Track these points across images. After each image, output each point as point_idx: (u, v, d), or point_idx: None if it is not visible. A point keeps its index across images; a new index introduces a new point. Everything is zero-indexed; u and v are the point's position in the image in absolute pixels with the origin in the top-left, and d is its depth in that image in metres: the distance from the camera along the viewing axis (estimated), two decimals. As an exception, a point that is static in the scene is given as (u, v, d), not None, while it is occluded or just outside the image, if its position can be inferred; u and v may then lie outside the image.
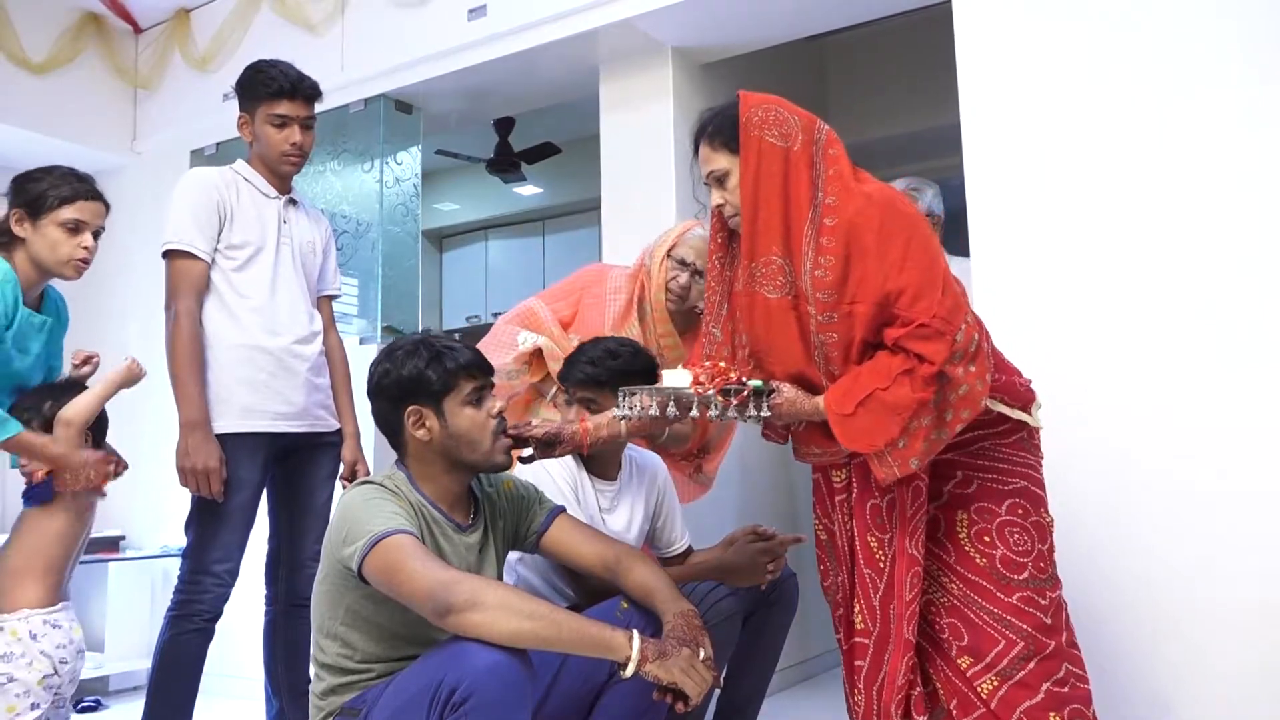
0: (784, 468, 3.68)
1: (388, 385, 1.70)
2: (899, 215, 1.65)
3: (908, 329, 1.58)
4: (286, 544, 2.38)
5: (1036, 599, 1.64)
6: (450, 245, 7.02)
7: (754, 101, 1.75)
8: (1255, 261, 2.11)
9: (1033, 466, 1.73)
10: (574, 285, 2.52)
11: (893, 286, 1.60)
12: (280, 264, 2.33)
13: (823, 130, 1.74)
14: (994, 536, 1.67)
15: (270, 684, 2.39)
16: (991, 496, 1.69)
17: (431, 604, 1.44)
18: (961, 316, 1.59)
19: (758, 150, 1.70)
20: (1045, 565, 1.67)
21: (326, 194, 3.81)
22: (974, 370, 1.59)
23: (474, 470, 1.73)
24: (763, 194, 1.69)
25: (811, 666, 3.67)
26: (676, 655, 1.51)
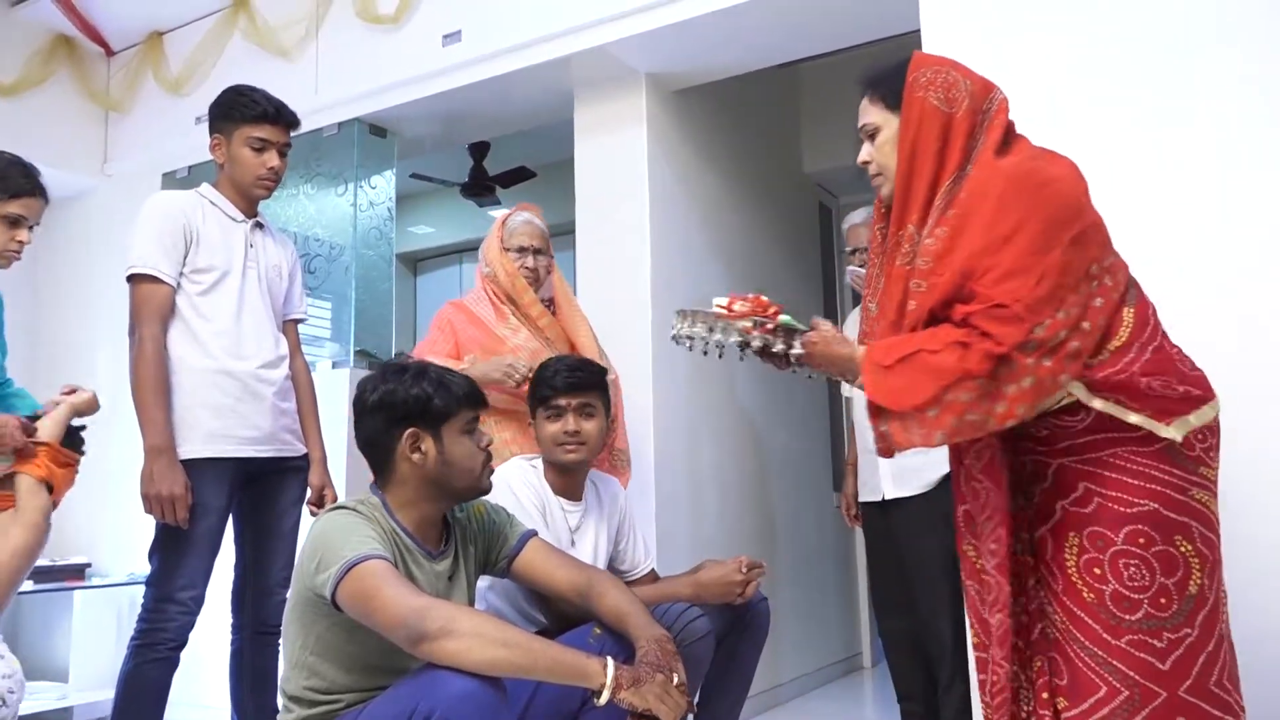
0: (762, 489, 3.68)
1: (391, 403, 1.68)
2: (1025, 192, 1.51)
3: (982, 306, 1.45)
4: (253, 570, 2.35)
5: (1151, 642, 1.43)
6: (424, 269, 7.00)
7: (926, 61, 1.65)
8: (1231, 284, 2.14)
9: (1176, 485, 1.47)
10: (440, 325, 2.61)
11: (986, 261, 1.47)
12: (246, 288, 2.32)
13: (995, 100, 1.62)
14: (1105, 569, 1.46)
15: (237, 714, 2.35)
16: (1109, 520, 1.47)
17: (405, 631, 1.43)
18: (1051, 310, 1.44)
19: (920, 112, 1.59)
20: (1170, 602, 1.44)
21: (300, 217, 3.79)
22: (1048, 365, 1.43)
23: (458, 498, 1.73)
24: (920, 157, 1.59)
25: (782, 693, 3.66)
26: (650, 682, 1.51)
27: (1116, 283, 1.52)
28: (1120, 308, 1.52)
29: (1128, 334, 1.50)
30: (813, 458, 4.15)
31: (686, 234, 3.38)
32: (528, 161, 5.53)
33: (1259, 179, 2.14)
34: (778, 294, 4.23)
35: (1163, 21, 2.28)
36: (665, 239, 3.20)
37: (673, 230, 3.27)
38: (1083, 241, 1.50)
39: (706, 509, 3.24)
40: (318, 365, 3.52)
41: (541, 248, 2.62)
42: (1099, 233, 1.54)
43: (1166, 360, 1.52)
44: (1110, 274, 1.52)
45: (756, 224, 3.88)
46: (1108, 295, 1.50)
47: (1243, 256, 2.13)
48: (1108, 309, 1.50)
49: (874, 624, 4.17)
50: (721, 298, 1.62)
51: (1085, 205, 1.55)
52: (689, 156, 3.45)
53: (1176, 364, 1.53)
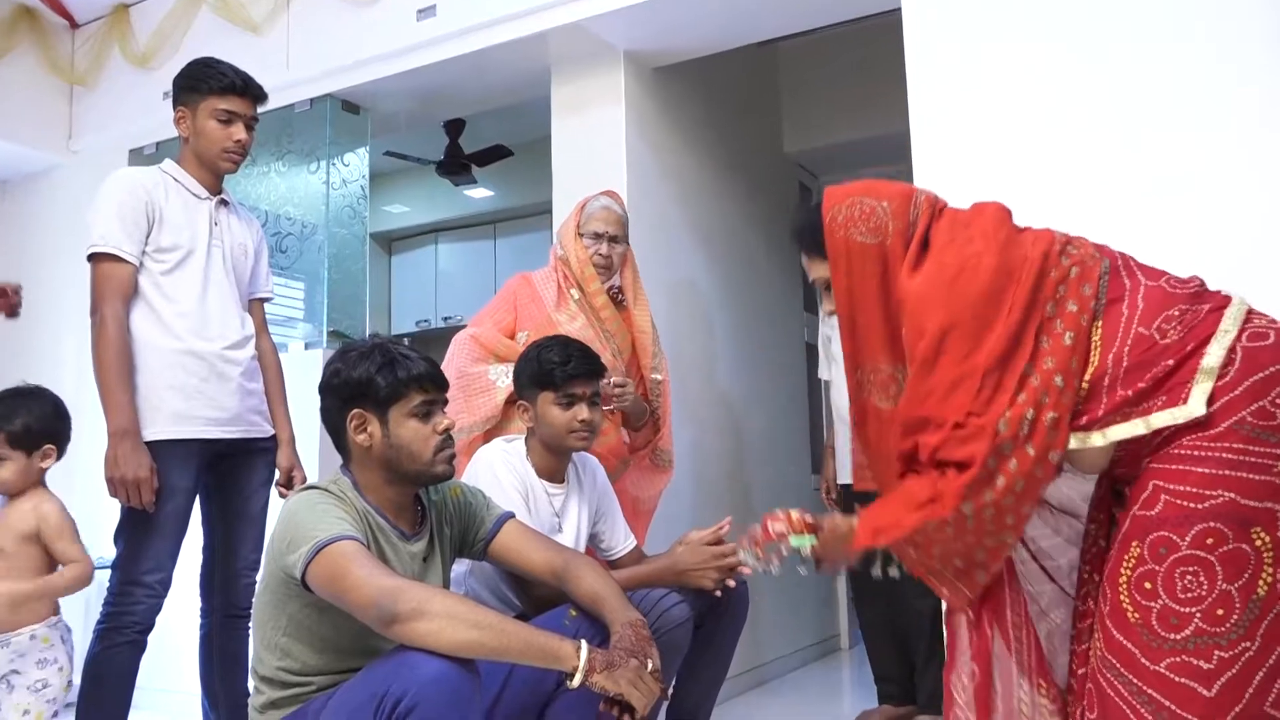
0: (739, 472, 3.70)
1: (336, 385, 1.68)
2: (935, 300, 1.47)
3: (941, 436, 1.42)
4: (221, 553, 2.34)
5: (1196, 663, 1.29)
6: (399, 248, 6.95)
7: (837, 197, 1.60)
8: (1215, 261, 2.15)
9: (1254, 465, 1.31)
10: (505, 295, 2.61)
11: (927, 384, 1.45)
12: (211, 267, 2.29)
13: (918, 205, 1.57)
14: (1158, 583, 1.33)
15: (207, 698, 2.34)
16: (1176, 520, 1.33)
17: (376, 612, 1.43)
18: (1006, 401, 1.39)
19: (846, 252, 1.56)
20: (1229, 612, 1.29)
21: (271, 195, 3.76)
22: (1032, 454, 1.38)
23: (411, 482, 1.71)
24: (858, 298, 1.56)
25: (764, 673, 3.69)
26: (624, 666, 1.51)
27: (1081, 305, 1.43)
28: (1090, 329, 1.43)
29: (1099, 356, 1.42)
30: (792, 441, 4.17)
31: (665, 214, 3.37)
32: (504, 140, 5.49)
33: (1249, 174, 2.15)
34: (757, 274, 4.24)
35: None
36: (643, 219, 3.19)
37: (651, 210, 3.26)
38: (1015, 305, 1.43)
39: (684, 492, 3.24)
40: (289, 347, 3.50)
41: (618, 235, 2.58)
42: (1033, 277, 1.45)
43: (1148, 342, 1.40)
44: (1068, 299, 1.44)
45: (735, 204, 3.88)
46: (1073, 324, 1.42)
47: (1231, 252, 2.14)
48: (1078, 345, 1.41)
49: (852, 606, 4.21)
50: (776, 521, 1.71)
51: (1006, 267, 1.47)
52: (667, 135, 3.43)
53: (1156, 338, 1.40)
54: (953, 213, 1.59)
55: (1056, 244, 1.50)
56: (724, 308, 3.70)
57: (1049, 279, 1.45)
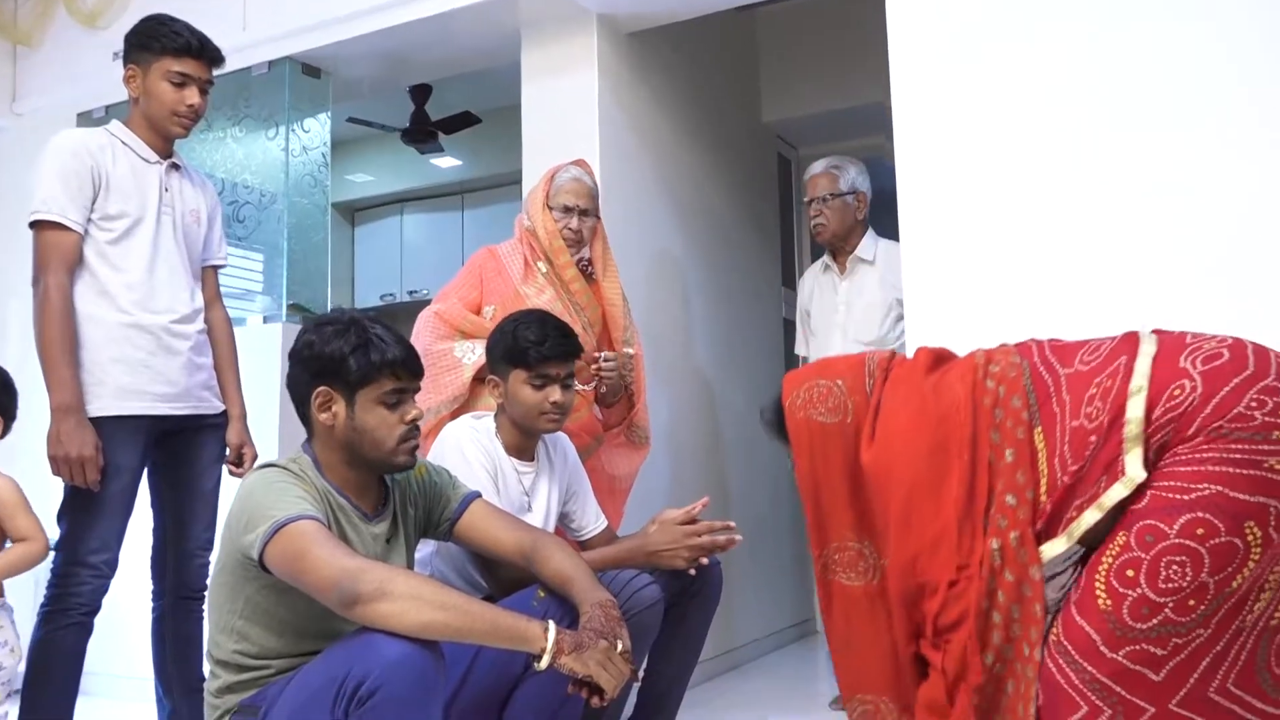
0: (715, 449, 3.72)
1: (307, 357, 1.67)
2: (886, 470, 1.56)
3: (940, 600, 1.48)
4: (173, 533, 2.33)
5: (1152, 650, 1.34)
6: (363, 219, 6.89)
7: (795, 381, 1.71)
8: (1196, 240, 2.18)
9: (1240, 461, 1.34)
10: (470, 270, 2.60)
11: (905, 553, 1.52)
12: (161, 235, 2.26)
13: (873, 375, 1.66)
14: (1141, 571, 1.35)
15: (161, 683, 2.34)
16: (1164, 511, 1.35)
17: (337, 593, 1.43)
18: (986, 537, 1.46)
19: (808, 434, 1.65)
20: (1199, 603, 1.33)
21: (227, 162, 3.71)
22: (1010, 579, 1.44)
23: (370, 468, 1.71)
24: (822, 478, 1.64)
25: (737, 656, 3.72)
26: (593, 648, 1.52)
27: (1016, 420, 1.51)
28: (1032, 438, 1.50)
29: (1046, 464, 1.48)
30: (768, 419, 4.19)
31: (639, 185, 3.36)
32: (472, 106, 5.45)
33: (1241, 171, 2.17)
34: (734, 247, 4.24)
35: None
36: (617, 190, 3.18)
37: (625, 181, 3.26)
38: (962, 447, 1.51)
39: (659, 472, 3.26)
40: (248, 320, 3.47)
41: (589, 208, 2.58)
42: (969, 414, 1.53)
43: (1081, 433, 1.47)
44: (1007, 418, 1.51)
45: (713, 175, 3.88)
46: (1012, 441, 1.49)
47: (1224, 251, 2.17)
48: (1020, 459, 1.48)
49: (829, 589, 4.25)
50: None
51: (940, 415, 1.55)
52: (642, 103, 3.42)
53: (1086, 425, 1.46)
54: (897, 371, 1.66)
55: (979, 370, 1.58)
56: (700, 281, 3.71)
57: (983, 408, 1.54)
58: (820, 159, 3.18)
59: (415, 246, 6.64)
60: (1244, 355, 1.41)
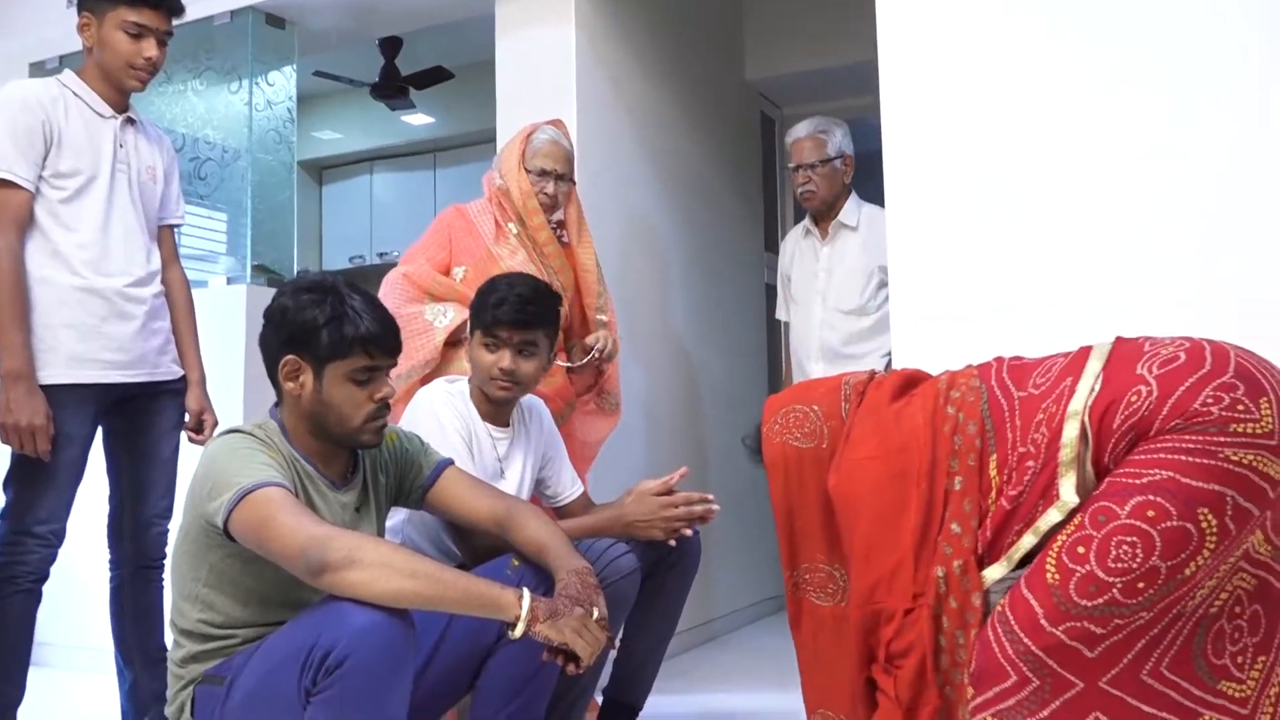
0: (694, 418, 3.73)
1: (278, 322, 1.65)
2: (850, 496, 1.63)
3: (896, 626, 1.54)
4: (130, 501, 2.31)
5: (1091, 628, 1.36)
6: (331, 178, 6.83)
7: (774, 407, 1.78)
8: (1185, 206, 2.19)
9: (1195, 449, 1.37)
10: (439, 229, 2.58)
11: (866, 581, 1.58)
12: (115, 194, 2.23)
13: (848, 400, 1.72)
14: (1091, 549, 1.38)
15: (121, 654, 2.33)
16: (1116, 493, 1.40)
17: (304, 562, 1.43)
18: (938, 560, 1.52)
19: (783, 459, 1.72)
20: (1148, 586, 1.35)
21: (188, 116, 3.66)
22: (955, 605, 1.50)
23: (335, 443, 1.70)
24: (797, 502, 1.71)
25: (715, 628, 3.76)
26: (568, 615, 1.53)
27: (969, 447, 1.56)
28: (984, 465, 1.55)
29: (996, 490, 1.53)
30: (749, 387, 4.21)
31: (617, 144, 3.34)
32: (444, 61, 5.40)
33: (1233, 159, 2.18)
34: (715, 209, 4.23)
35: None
36: (594, 149, 3.16)
37: (603, 140, 3.24)
38: (920, 476, 1.57)
39: (635, 442, 3.27)
40: (210, 283, 3.44)
41: (565, 173, 2.56)
42: (927, 444, 1.59)
43: (1023, 459, 1.52)
44: (964, 445, 1.56)
45: (694, 134, 3.86)
46: (963, 469, 1.55)
47: (1217, 217, 2.18)
48: (968, 488, 1.54)
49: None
50: None
51: (901, 444, 1.61)
52: (621, 59, 3.39)
53: (1031, 450, 1.52)
54: (870, 395, 1.72)
55: (940, 396, 1.63)
56: (679, 245, 3.70)
57: (943, 435, 1.59)
58: (803, 121, 3.16)
59: (385, 207, 6.59)
60: (1201, 355, 1.45)
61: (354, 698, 1.38)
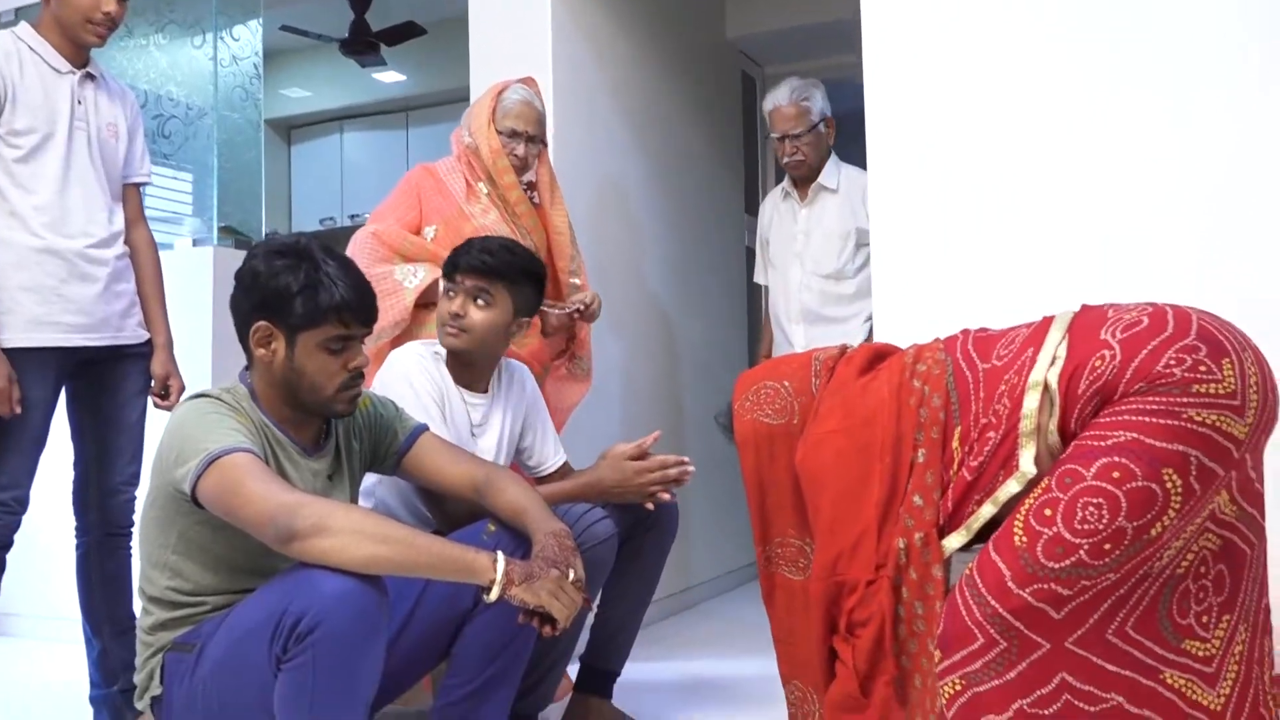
0: (671, 384, 3.74)
1: (249, 286, 1.63)
2: (814, 474, 1.67)
3: (856, 595, 1.58)
4: (95, 468, 2.31)
5: (1058, 590, 1.39)
6: (300, 137, 6.76)
7: (745, 384, 1.82)
8: (1178, 167, 2.20)
9: (1158, 411, 1.39)
10: (407, 189, 2.56)
11: (829, 555, 1.62)
12: (74, 153, 2.20)
13: (819, 375, 1.75)
14: (1058, 511, 1.40)
15: (89, 623, 2.33)
16: (1082, 455, 1.43)
17: (273, 529, 1.43)
18: (899, 532, 1.55)
19: (754, 435, 1.76)
20: (1114, 548, 1.37)
21: (150, 72, 3.61)
22: (915, 576, 1.54)
23: (308, 412, 1.69)
24: (768, 477, 1.75)
25: (693, 595, 3.80)
26: (544, 577, 1.54)
27: (933, 419, 1.59)
28: (948, 438, 1.58)
29: (958, 461, 1.57)
30: (728, 350, 4.22)
31: (594, 103, 3.32)
32: (416, 16, 5.34)
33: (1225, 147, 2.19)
34: (694, 171, 4.21)
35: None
36: (570, 108, 3.14)
37: (579, 99, 3.21)
38: (885, 449, 1.60)
39: (611, 407, 3.27)
40: (176, 245, 3.40)
41: (536, 134, 2.53)
42: (892, 417, 1.62)
43: (985, 429, 1.55)
44: (930, 418, 1.59)
45: (673, 94, 3.83)
46: (927, 442, 1.58)
47: (1212, 188, 2.19)
48: (931, 460, 1.58)
49: (788, 526, 4.34)
50: None
51: (866, 417, 1.65)
52: (599, 15, 3.36)
53: (993, 421, 1.55)
54: (840, 370, 1.75)
55: (906, 370, 1.66)
56: (657, 207, 3.69)
57: (908, 408, 1.63)
58: (780, 87, 3.13)
59: (356, 167, 6.53)
60: (1163, 319, 1.48)
61: (325, 665, 1.39)
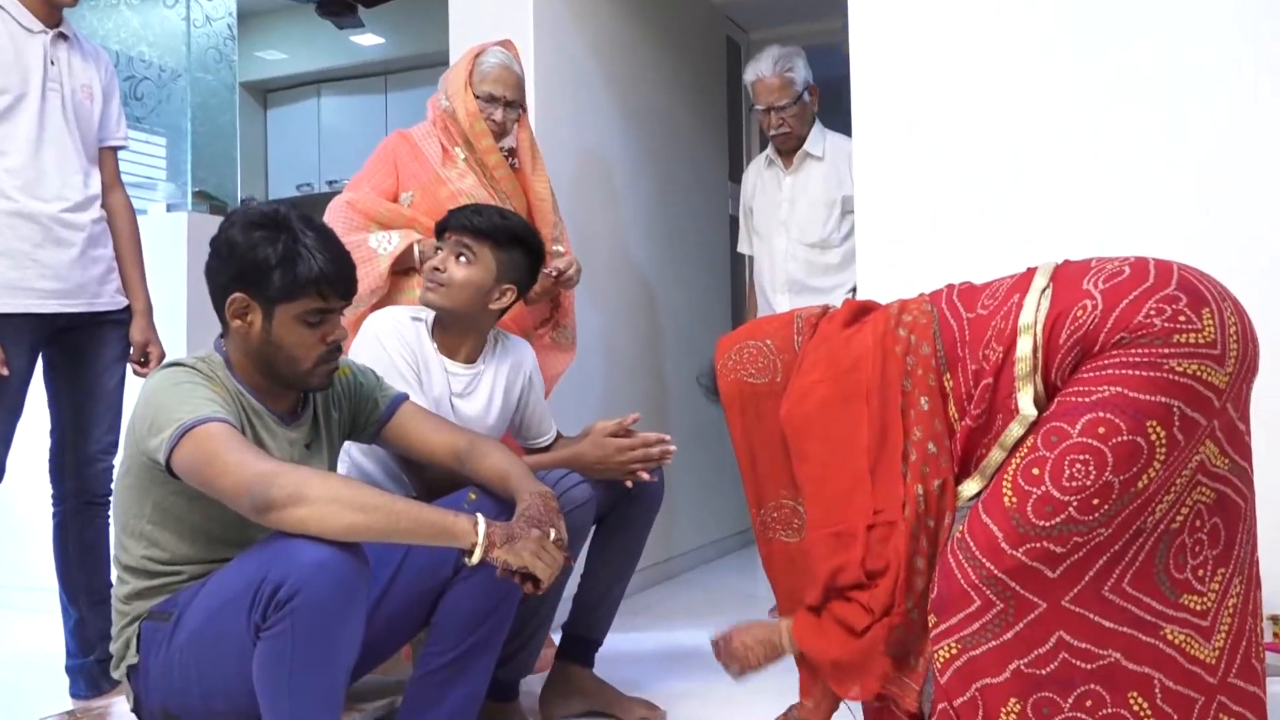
0: (654, 354, 3.74)
1: (226, 256, 1.61)
2: (803, 425, 1.66)
3: (859, 543, 1.56)
4: (72, 436, 2.30)
5: (1051, 548, 1.41)
6: (276, 101, 6.68)
7: (727, 345, 1.80)
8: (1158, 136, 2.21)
9: (1139, 363, 1.41)
10: (383, 156, 2.54)
11: (821, 508, 1.62)
12: (47, 114, 2.18)
13: (801, 333, 1.75)
14: (1045, 470, 1.42)
15: (65, 592, 2.34)
16: (1065, 412, 1.44)
17: (249, 500, 1.42)
18: (901, 485, 1.55)
19: (740, 396, 1.76)
20: (1103, 502, 1.39)
21: (121, 32, 3.56)
22: (931, 525, 1.53)
23: (284, 385, 1.68)
24: (757, 439, 1.74)
25: (676, 565, 3.82)
26: (525, 538, 1.55)
27: (926, 367, 1.59)
28: (942, 385, 1.58)
29: (955, 406, 1.57)
30: (711, 320, 4.22)
31: (576, 68, 3.29)
32: (395, -22, 5.26)
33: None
34: (678, 138, 4.19)
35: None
36: (552, 74, 3.12)
37: (561, 64, 3.19)
38: (871, 395, 1.61)
39: (593, 379, 3.27)
40: (150, 210, 3.37)
41: (514, 99, 2.50)
42: (876, 363, 1.62)
43: (978, 375, 1.55)
44: (918, 366, 1.59)
45: (656, 59, 3.81)
46: (924, 389, 1.58)
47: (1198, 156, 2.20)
48: (934, 406, 1.57)
49: (770, 496, 4.36)
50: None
51: (850, 364, 1.64)
52: (581, -23, 3.33)
53: (984, 367, 1.55)
54: (823, 326, 1.75)
55: (891, 319, 1.66)
56: (640, 174, 3.68)
57: (894, 355, 1.63)
58: (762, 57, 3.11)
59: (334, 132, 6.47)
60: (1145, 270, 1.49)
61: (305, 633, 1.39)
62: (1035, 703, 1.42)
